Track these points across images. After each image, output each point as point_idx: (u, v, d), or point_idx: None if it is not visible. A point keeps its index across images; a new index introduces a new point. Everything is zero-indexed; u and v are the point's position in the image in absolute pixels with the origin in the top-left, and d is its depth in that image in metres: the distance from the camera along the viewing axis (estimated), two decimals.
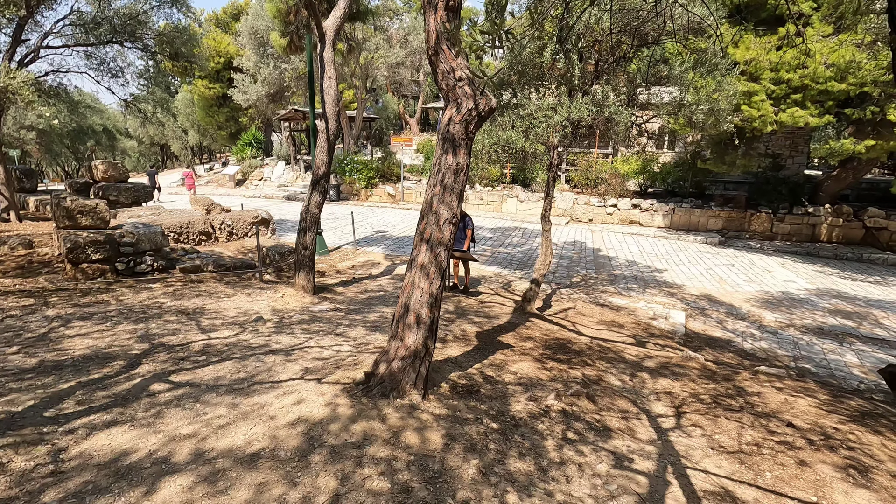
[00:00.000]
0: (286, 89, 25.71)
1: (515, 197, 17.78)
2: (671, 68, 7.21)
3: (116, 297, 6.74)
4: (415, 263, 3.81)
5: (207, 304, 6.62)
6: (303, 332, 5.65)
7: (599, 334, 6.62)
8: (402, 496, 2.60)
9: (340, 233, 13.91)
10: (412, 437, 3.18)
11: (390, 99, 33.46)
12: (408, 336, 3.70)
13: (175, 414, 3.32)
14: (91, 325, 5.39)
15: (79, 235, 7.69)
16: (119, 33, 12.46)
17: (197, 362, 4.38)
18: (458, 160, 3.80)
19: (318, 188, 7.73)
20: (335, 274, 9.74)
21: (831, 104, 11.34)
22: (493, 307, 7.64)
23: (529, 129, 7.20)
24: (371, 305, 7.39)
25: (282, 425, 3.21)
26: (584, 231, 15.22)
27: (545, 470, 3.05)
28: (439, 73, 3.82)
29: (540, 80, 7.87)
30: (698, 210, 15.38)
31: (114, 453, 2.83)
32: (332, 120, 7.68)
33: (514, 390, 4.29)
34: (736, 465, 3.32)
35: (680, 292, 9.29)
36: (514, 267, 10.72)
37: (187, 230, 10.67)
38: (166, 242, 8.85)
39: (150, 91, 18.66)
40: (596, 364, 5.32)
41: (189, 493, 2.50)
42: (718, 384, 5.01)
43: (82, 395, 3.53)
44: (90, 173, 13.14)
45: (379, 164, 21.31)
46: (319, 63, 7.78)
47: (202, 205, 13.16)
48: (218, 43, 29.20)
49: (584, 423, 3.80)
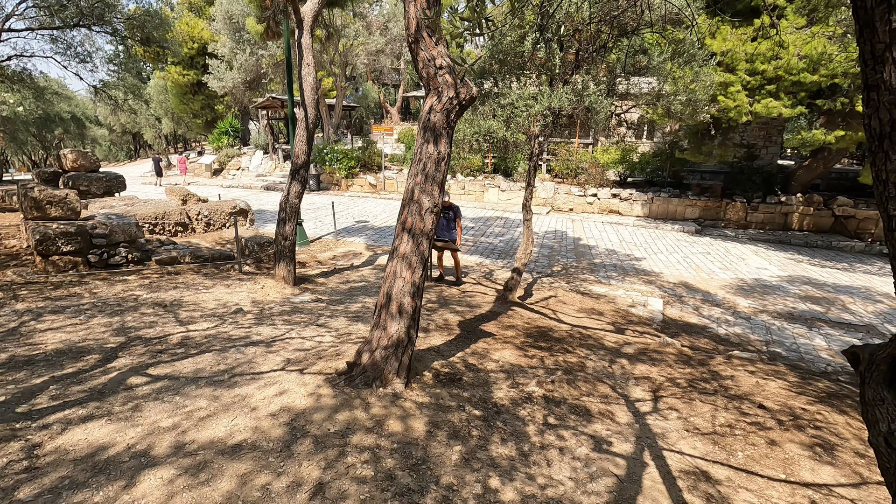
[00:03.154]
0: (263, 76, 25.16)
1: (497, 187, 17.83)
2: (650, 58, 7.28)
3: (90, 289, 6.57)
4: (397, 253, 3.81)
5: (185, 296, 6.50)
6: (284, 324, 5.60)
7: (580, 322, 6.72)
8: (385, 483, 2.63)
9: (321, 223, 13.77)
10: (395, 425, 3.20)
11: (370, 87, 33.03)
12: (390, 325, 3.71)
13: (154, 407, 3.27)
14: (64, 318, 5.25)
15: (48, 227, 7.44)
16: (86, 16, 11.98)
17: (175, 355, 4.31)
18: (439, 149, 3.78)
19: (298, 178, 7.62)
20: (316, 264, 9.66)
21: (804, 95, 11.61)
22: (475, 297, 7.68)
23: (510, 118, 7.21)
24: (353, 296, 7.36)
25: (264, 416, 3.19)
26: (565, 220, 15.36)
27: (527, 455, 3.10)
28: (420, 62, 3.79)
29: (521, 69, 7.87)
30: (676, 199, 15.65)
31: (91, 448, 2.78)
32: (312, 108, 7.56)
33: (497, 378, 4.34)
34: (710, 445, 3.44)
35: (658, 280, 9.48)
36: (495, 256, 10.78)
37: (163, 221, 10.43)
38: (141, 234, 8.63)
39: (121, 77, 18.04)
40: (576, 351, 5.41)
41: (170, 486, 2.48)
42: (694, 369, 5.15)
43: (56, 390, 3.45)
44: (59, 162, 12.68)
45: (360, 153, 21.08)
46: (297, 50, 7.63)
47: (178, 195, 12.84)
48: (191, 28, 28.32)
49: (565, 408, 3.87)
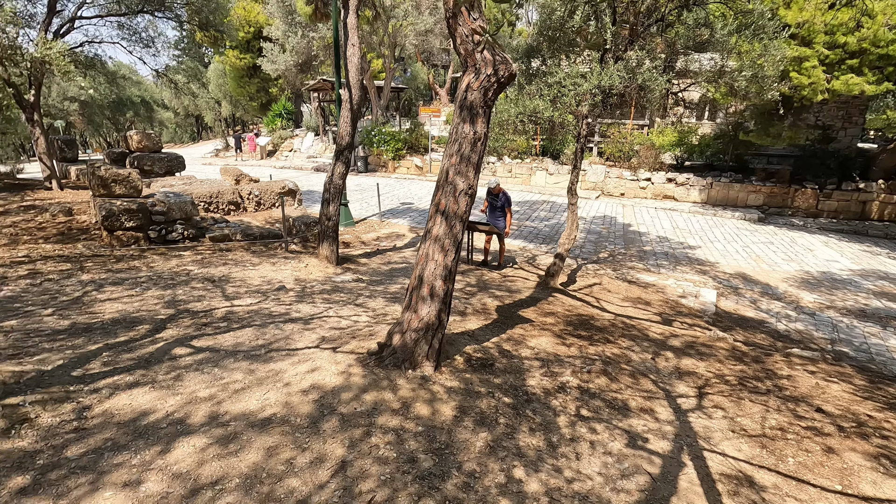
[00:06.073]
0: (314, 58, 25.55)
1: (545, 170, 17.36)
2: (713, 32, 6.74)
3: (147, 263, 6.97)
4: (430, 235, 3.75)
5: (233, 273, 6.77)
6: (323, 302, 5.71)
7: (624, 311, 6.45)
8: (407, 465, 2.61)
9: (366, 204, 13.95)
10: (422, 408, 3.18)
11: (420, 68, 32.87)
12: (421, 308, 3.67)
13: (194, 378, 3.42)
14: (122, 290, 5.60)
15: (113, 204, 7.94)
16: (149, 2, 12.53)
17: (219, 328, 4.49)
18: (475, 129, 3.66)
19: (342, 158, 7.69)
20: (359, 245, 9.80)
21: (892, 70, 10.44)
22: (515, 281, 7.54)
23: (557, 97, 6.92)
24: (393, 277, 7.41)
25: (295, 392, 3.26)
26: (614, 205, 14.77)
27: (555, 446, 3.00)
28: (458, 37, 3.65)
29: (570, 46, 7.51)
30: (738, 185, 14.65)
31: (134, 413, 2.93)
32: (356, 89, 7.57)
33: (531, 365, 4.24)
34: (757, 448, 3.20)
35: (713, 270, 8.94)
36: (539, 241, 10.53)
37: (217, 200, 10.89)
38: (196, 211, 9.06)
39: (182, 62, 18.85)
40: (618, 341, 5.20)
41: (201, 454, 2.58)
42: (747, 366, 4.81)
43: (108, 357, 3.67)
44: (126, 143, 13.50)
45: (407, 135, 21.10)
46: (343, 30, 7.63)
47: (231, 175, 13.37)
48: (247, 12, 29.10)
49: (600, 400, 3.72)
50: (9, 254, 6.99)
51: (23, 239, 7.88)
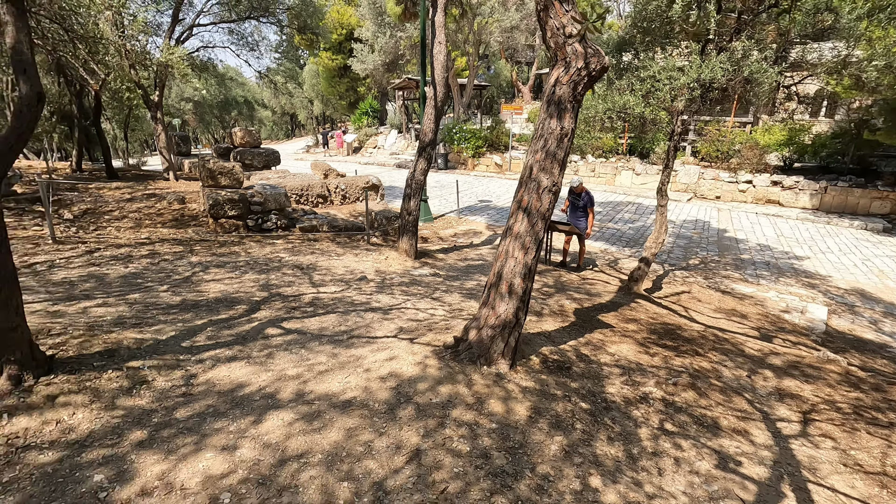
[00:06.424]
0: (401, 58, 26.30)
1: (631, 169, 16.53)
2: (837, 17, 6.02)
3: (245, 249, 7.57)
4: (510, 232, 3.71)
5: (319, 261, 7.16)
6: (402, 294, 5.87)
7: (716, 323, 5.98)
8: (480, 461, 2.61)
9: (445, 201, 14.13)
10: (496, 405, 3.16)
11: (503, 66, 32.65)
12: (499, 305, 3.65)
13: (283, 357, 3.66)
14: (224, 272, 6.13)
15: (219, 193, 8.72)
16: (255, 9, 13.59)
17: (306, 313, 4.77)
18: (562, 125, 3.56)
19: (424, 155, 7.85)
20: (437, 240, 9.95)
21: None
22: (595, 284, 7.27)
23: (650, 92, 6.54)
24: (469, 273, 7.45)
25: (374, 378, 3.38)
26: (708, 209, 13.72)
27: (635, 458, 2.85)
28: (548, 30, 3.57)
29: (667, 37, 7.07)
30: (859, 190, 12.98)
31: (232, 384, 3.20)
32: (441, 86, 7.67)
33: (610, 372, 4.06)
34: (876, 488, 2.82)
35: (823, 284, 8.01)
36: (622, 244, 10.06)
37: (307, 192, 11.58)
38: (289, 203, 9.69)
39: (281, 63, 20.24)
40: (708, 355, 4.83)
41: (289, 428, 2.75)
42: (864, 393, 4.26)
43: (211, 332, 4.04)
44: (230, 139, 14.77)
45: (487, 132, 21.08)
46: (431, 28, 7.76)
47: (320, 170, 14.15)
48: (341, 15, 30.62)
49: (687, 415, 3.48)
50: (134, 235, 7.93)
51: (145, 223, 8.90)
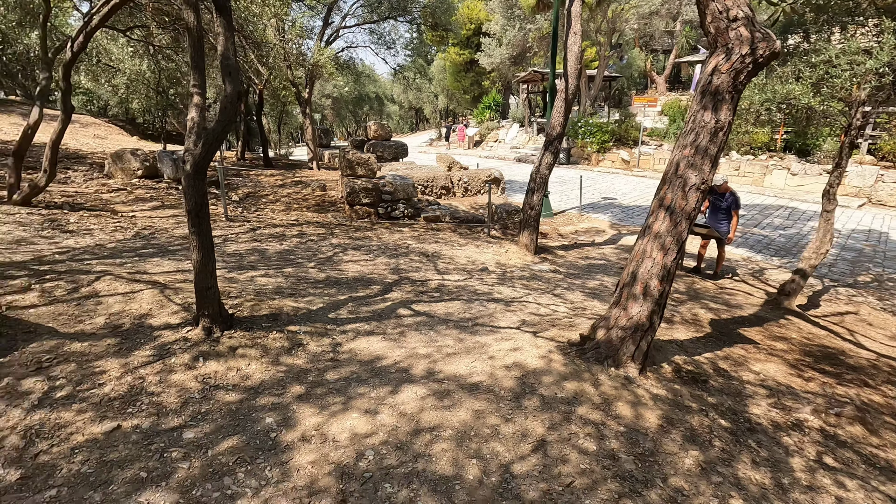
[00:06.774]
0: (528, 51, 26.04)
1: (786, 168, 14.53)
2: None
3: (377, 235, 8.17)
4: (650, 231, 3.53)
5: (443, 250, 7.47)
6: (522, 287, 5.90)
7: (892, 352, 5.08)
8: (607, 461, 2.56)
9: (566, 197, 13.77)
10: (624, 408, 3.06)
11: (636, 55, 30.64)
12: (632, 306, 3.50)
13: (414, 336, 3.92)
14: (359, 254, 6.70)
15: (355, 182, 9.50)
16: (395, 9, 14.44)
17: (432, 297, 5.03)
18: (718, 117, 3.28)
19: (551, 149, 7.73)
20: (557, 237, 9.77)
21: None
22: (735, 295, 6.59)
23: (823, 80, 5.71)
24: (591, 272, 7.21)
25: (498, 366, 3.47)
26: (886, 218, 11.57)
27: (786, 490, 2.57)
28: (708, 14, 3.30)
29: (849, 14, 6.09)
30: None
31: (370, 356, 3.52)
32: (573, 79, 7.48)
33: (754, 391, 3.68)
34: None
35: None
36: (770, 253, 8.94)
37: (432, 184, 12.09)
38: (415, 193, 10.22)
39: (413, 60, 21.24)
40: (881, 387, 4.14)
41: (421, 402, 2.96)
42: None
43: (352, 307, 4.46)
44: (365, 132, 15.95)
45: (615, 126, 20.02)
46: (566, 18, 7.58)
47: (445, 162, 14.65)
48: (471, 10, 31.14)
49: (852, 452, 3.04)
50: (285, 217, 8.99)
51: (293, 207, 10.03)
